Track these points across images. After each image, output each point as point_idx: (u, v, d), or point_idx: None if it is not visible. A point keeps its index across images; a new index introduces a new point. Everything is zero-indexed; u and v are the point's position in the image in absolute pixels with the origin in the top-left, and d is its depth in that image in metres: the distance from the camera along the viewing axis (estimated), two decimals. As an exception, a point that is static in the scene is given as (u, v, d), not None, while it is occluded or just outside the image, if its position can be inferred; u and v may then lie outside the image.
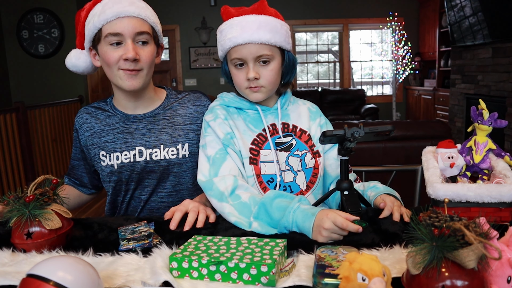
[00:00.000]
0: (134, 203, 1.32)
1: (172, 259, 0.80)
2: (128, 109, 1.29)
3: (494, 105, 4.51)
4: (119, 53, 1.14)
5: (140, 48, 1.16)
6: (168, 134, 1.27)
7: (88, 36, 1.18)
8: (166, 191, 1.30)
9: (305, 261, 0.83)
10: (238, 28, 1.11)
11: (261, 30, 1.10)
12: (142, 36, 1.16)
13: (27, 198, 0.91)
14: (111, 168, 1.27)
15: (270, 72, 1.14)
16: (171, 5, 6.98)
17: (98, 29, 1.14)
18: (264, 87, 1.15)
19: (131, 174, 1.27)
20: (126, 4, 1.14)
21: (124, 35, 1.13)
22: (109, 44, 1.14)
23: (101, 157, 1.28)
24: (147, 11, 1.19)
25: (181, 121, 1.30)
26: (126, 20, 1.13)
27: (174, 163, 1.27)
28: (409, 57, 6.67)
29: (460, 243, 0.61)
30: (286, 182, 1.19)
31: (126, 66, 1.15)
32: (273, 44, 1.12)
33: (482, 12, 4.53)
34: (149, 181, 1.28)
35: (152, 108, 1.30)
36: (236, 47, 1.12)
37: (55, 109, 4.62)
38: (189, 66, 7.22)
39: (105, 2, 1.15)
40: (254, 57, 1.12)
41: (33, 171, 4.05)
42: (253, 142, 1.19)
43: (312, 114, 1.29)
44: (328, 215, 0.94)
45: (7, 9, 5.30)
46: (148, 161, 1.26)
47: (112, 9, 1.12)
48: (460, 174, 1.07)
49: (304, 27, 7.35)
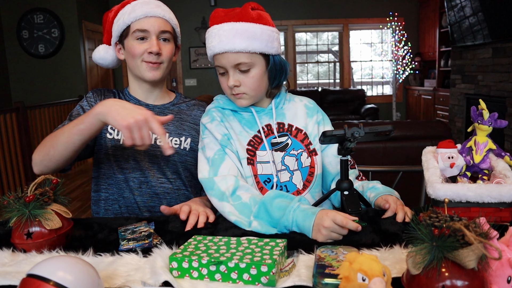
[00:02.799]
0: (132, 183, 1.31)
1: (172, 259, 0.80)
2: (142, 99, 1.39)
3: (494, 105, 4.51)
4: (144, 47, 1.28)
5: (162, 44, 1.31)
6: (174, 126, 1.36)
7: (117, 31, 1.32)
8: (166, 178, 1.33)
9: (305, 261, 0.83)
10: (216, 37, 1.12)
11: (236, 39, 1.10)
12: (165, 34, 1.31)
13: (27, 198, 0.92)
14: (117, 142, 1.31)
15: (250, 79, 1.14)
16: (171, 5, 6.88)
17: (127, 25, 1.29)
18: (247, 93, 1.15)
19: (135, 153, 1.31)
20: (153, 6, 1.30)
21: (150, 32, 1.28)
22: (136, 38, 1.28)
23: (109, 130, 1.33)
24: (171, 14, 1.36)
25: (187, 119, 1.40)
26: (152, 19, 1.28)
27: (176, 152, 1.33)
28: (409, 57, 6.67)
29: (460, 243, 0.61)
30: (282, 182, 1.19)
31: (150, 59, 1.28)
32: (251, 51, 1.11)
33: (482, 12, 4.53)
34: (150, 164, 1.32)
35: (163, 102, 1.42)
36: (216, 55, 1.14)
37: (55, 109, 4.62)
38: (189, 66, 7.23)
39: (135, 3, 1.30)
40: (232, 65, 1.12)
41: (33, 171, 4.05)
42: (249, 143, 1.19)
43: (309, 110, 1.29)
44: (328, 214, 0.95)
45: (7, 9, 5.30)
46: (152, 144, 1.31)
47: (142, 9, 1.28)
48: (460, 174, 1.07)
49: (304, 27, 7.35)
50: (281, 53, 1.21)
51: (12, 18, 5.30)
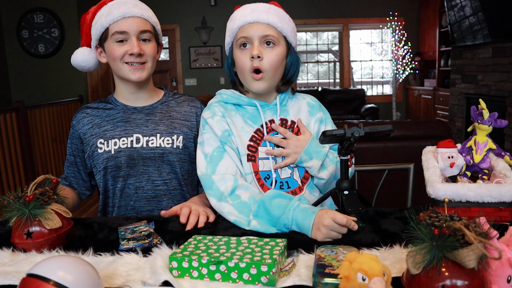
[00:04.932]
0: (127, 190, 1.32)
1: (172, 259, 0.80)
2: (130, 101, 1.38)
3: (494, 105, 4.51)
4: (125, 49, 1.26)
5: (143, 44, 1.28)
6: (164, 125, 1.35)
7: (95, 35, 1.29)
8: (161, 179, 1.32)
9: (305, 260, 0.83)
10: (249, 9, 1.18)
11: (270, 14, 1.16)
12: (145, 34, 1.28)
13: (27, 198, 0.91)
14: (108, 154, 1.30)
15: (274, 56, 1.15)
16: (171, 5, 6.98)
17: (105, 28, 1.26)
18: (266, 72, 1.15)
19: (128, 159, 1.30)
20: (130, 6, 1.26)
21: (129, 33, 1.25)
22: (115, 41, 1.26)
23: (99, 145, 1.32)
24: (149, 12, 1.31)
25: (177, 116, 1.38)
26: (131, 20, 1.25)
27: (169, 151, 1.31)
28: (409, 57, 6.66)
29: (460, 243, 0.61)
30: (283, 178, 1.20)
31: (131, 60, 1.26)
32: (279, 29, 1.16)
33: (482, 12, 4.53)
34: (144, 168, 1.31)
35: (151, 102, 1.40)
36: (244, 26, 1.16)
37: (55, 109, 4.62)
38: (189, 65, 7.22)
39: (111, 4, 1.27)
40: (260, 36, 1.15)
41: (33, 170, 4.05)
42: (251, 139, 1.20)
43: (312, 109, 1.29)
44: (328, 213, 0.95)
45: (7, 9, 5.29)
46: (144, 147, 1.31)
47: (119, 10, 1.25)
48: (460, 174, 1.07)
49: (304, 27, 7.35)
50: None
51: (12, 18, 5.29)
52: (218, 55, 7.18)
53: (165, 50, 7.26)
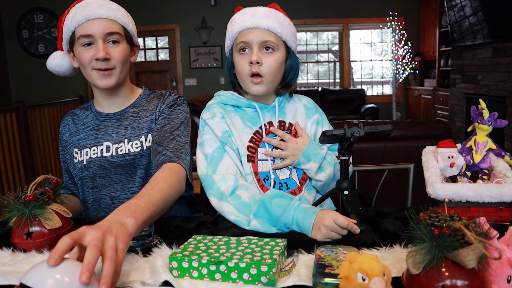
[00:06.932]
0: (104, 201, 1.30)
1: (172, 259, 0.80)
2: (104, 107, 1.33)
3: (494, 105, 4.51)
4: (91, 53, 1.19)
5: (111, 47, 1.21)
6: (132, 128, 1.29)
7: (65, 39, 1.25)
8: (137, 185, 1.28)
9: (305, 260, 0.83)
10: (249, 13, 1.17)
11: (270, 19, 1.15)
12: (112, 36, 1.21)
13: (27, 198, 0.91)
14: (81, 164, 1.29)
15: (273, 61, 1.15)
16: (171, 5, 6.98)
17: (71, 32, 1.21)
18: (265, 77, 1.15)
19: (99, 169, 1.28)
20: (95, 7, 1.19)
21: (95, 36, 1.19)
22: (82, 45, 1.20)
23: (74, 155, 1.31)
24: (118, 12, 1.23)
25: (144, 115, 1.31)
26: (96, 22, 1.18)
27: (140, 155, 1.27)
28: (409, 57, 6.66)
29: (460, 243, 0.61)
30: (282, 179, 1.20)
31: (99, 66, 1.20)
32: (279, 34, 1.16)
33: (482, 12, 4.53)
34: (118, 177, 1.28)
35: (125, 106, 1.34)
36: (244, 31, 1.16)
37: (55, 109, 4.62)
38: (189, 65, 7.22)
39: (78, 5, 1.21)
40: (259, 42, 1.14)
41: (33, 170, 4.05)
42: (251, 140, 1.20)
43: (308, 111, 1.30)
44: (329, 213, 0.95)
45: (7, 9, 5.30)
46: (114, 155, 1.27)
47: (83, 12, 1.18)
48: (460, 174, 1.07)
49: (304, 27, 7.35)
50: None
51: (12, 18, 5.30)
52: (218, 55, 7.18)
53: (165, 50, 7.27)
